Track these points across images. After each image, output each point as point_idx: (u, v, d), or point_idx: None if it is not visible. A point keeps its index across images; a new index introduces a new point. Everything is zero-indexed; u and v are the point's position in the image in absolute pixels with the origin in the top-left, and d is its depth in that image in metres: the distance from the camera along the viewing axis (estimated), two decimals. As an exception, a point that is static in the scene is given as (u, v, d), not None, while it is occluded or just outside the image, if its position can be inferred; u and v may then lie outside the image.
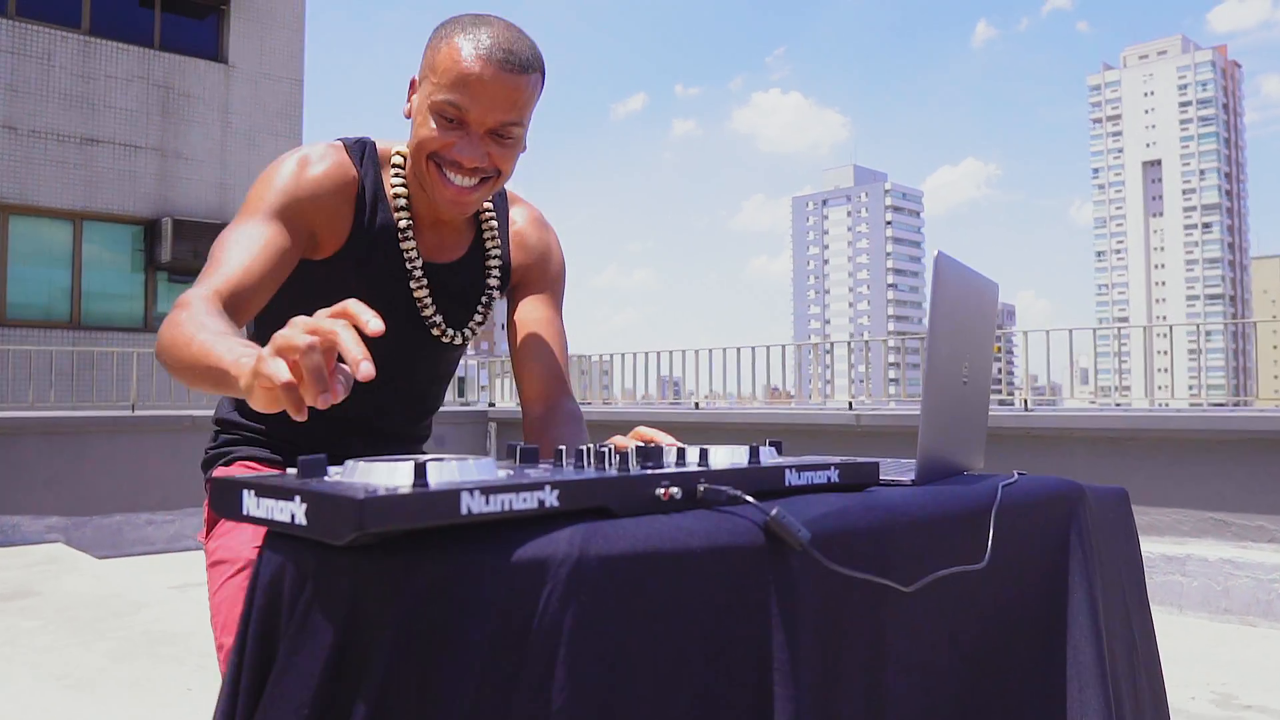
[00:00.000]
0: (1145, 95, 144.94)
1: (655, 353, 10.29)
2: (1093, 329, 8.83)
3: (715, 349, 9.87)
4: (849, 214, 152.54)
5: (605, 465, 0.83)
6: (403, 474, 0.69)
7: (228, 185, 11.99)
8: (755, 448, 0.95)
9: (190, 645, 4.01)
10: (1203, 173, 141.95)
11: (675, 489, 0.80)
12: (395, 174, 1.33)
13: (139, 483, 7.80)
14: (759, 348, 9.61)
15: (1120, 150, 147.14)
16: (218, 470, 1.39)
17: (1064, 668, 1.12)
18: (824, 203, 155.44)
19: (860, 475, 1.01)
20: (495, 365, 12.69)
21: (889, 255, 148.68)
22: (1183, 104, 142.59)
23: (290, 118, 12.64)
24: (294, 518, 0.65)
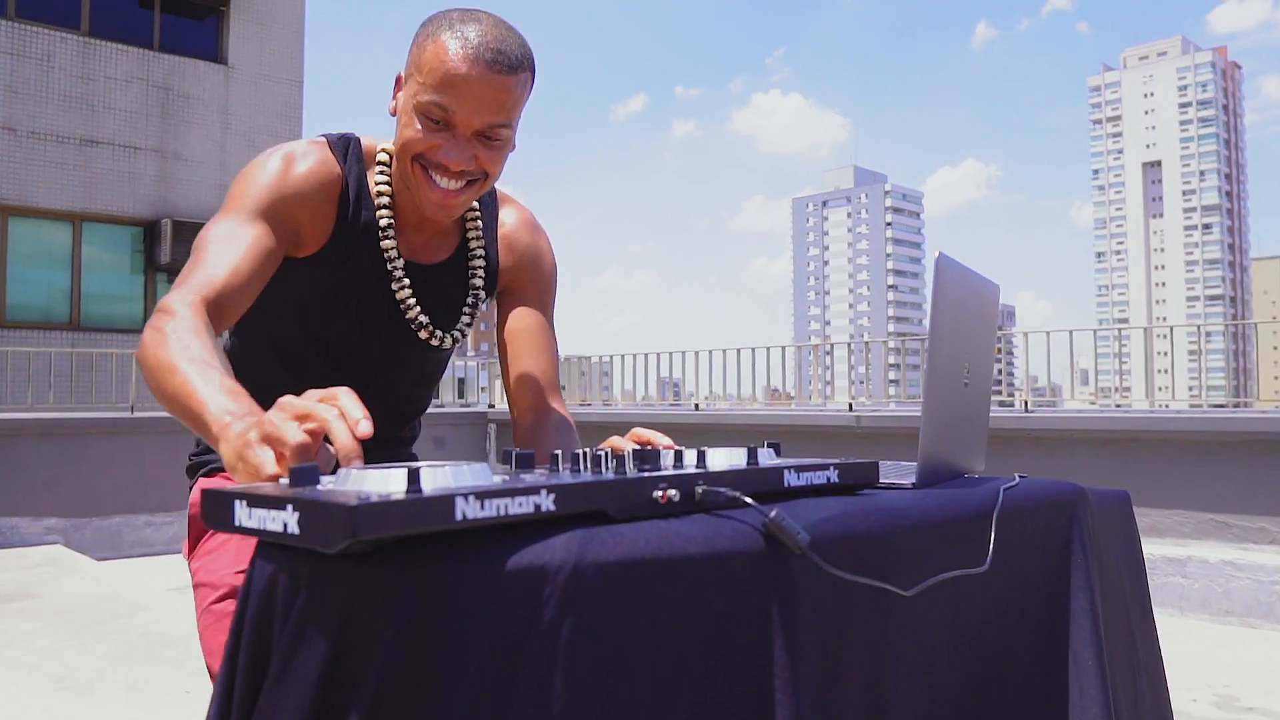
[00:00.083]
0: (1145, 96, 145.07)
1: (655, 354, 10.29)
2: (1093, 330, 8.82)
3: (715, 350, 9.86)
4: (849, 215, 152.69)
5: (602, 468, 0.82)
6: (396, 480, 0.68)
7: (227, 186, 11.87)
8: (753, 449, 0.94)
9: (189, 648, 4.00)
10: (1203, 174, 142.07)
11: (673, 491, 0.79)
12: (380, 172, 1.31)
13: (138, 484, 7.79)
14: (759, 349, 9.61)
15: (1120, 151, 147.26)
16: (203, 482, 1.37)
17: (1065, 671, 1.11)
18: (824, 204, 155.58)
19: (860, 475, 1.01)
20: (495, 366, 12.69)
21: (889, 256, 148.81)
22: (1183, 105, 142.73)
23: (290, 119, 12.64)
24: (286, 527, 0.64)
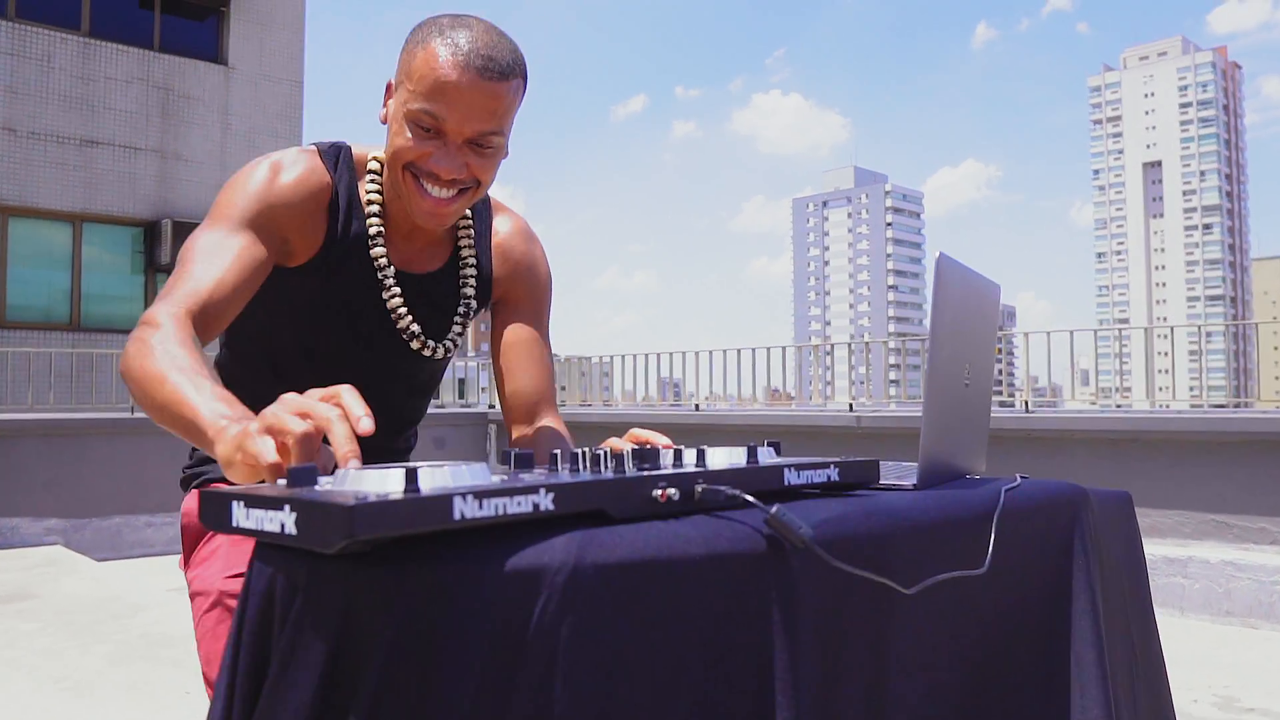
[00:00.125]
0: (1145, 96, 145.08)
1: (655, 354, 10.27)
2: (1093, 330, 8.81)
3: (716, 350, 9.85)
4: (849, 215, 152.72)
5: (601, 468, 0.81)
6: (394, 480, 0.68)
7: (228, 187, 11.97)
8: (753, 448, 0.93)
9: (189, 648, 3.99)
10: (1203, 174, 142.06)
11: (672, 490, 0.78)
12: (371, 180, 1.29)
13: (138, 485, 7.78)
14: (759, 349, 9.59)
15: (1120, 151, 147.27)
16: (191, 495, 1.35)
17: (1066, 672, 1.11)
18: (824, 204, 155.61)
19: (860, 474, 1.00)
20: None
21: (889, 257, 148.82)
22: (1183, 105, 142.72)
23: (290, 119, 12.64)
24: (284, 527, 0.64)
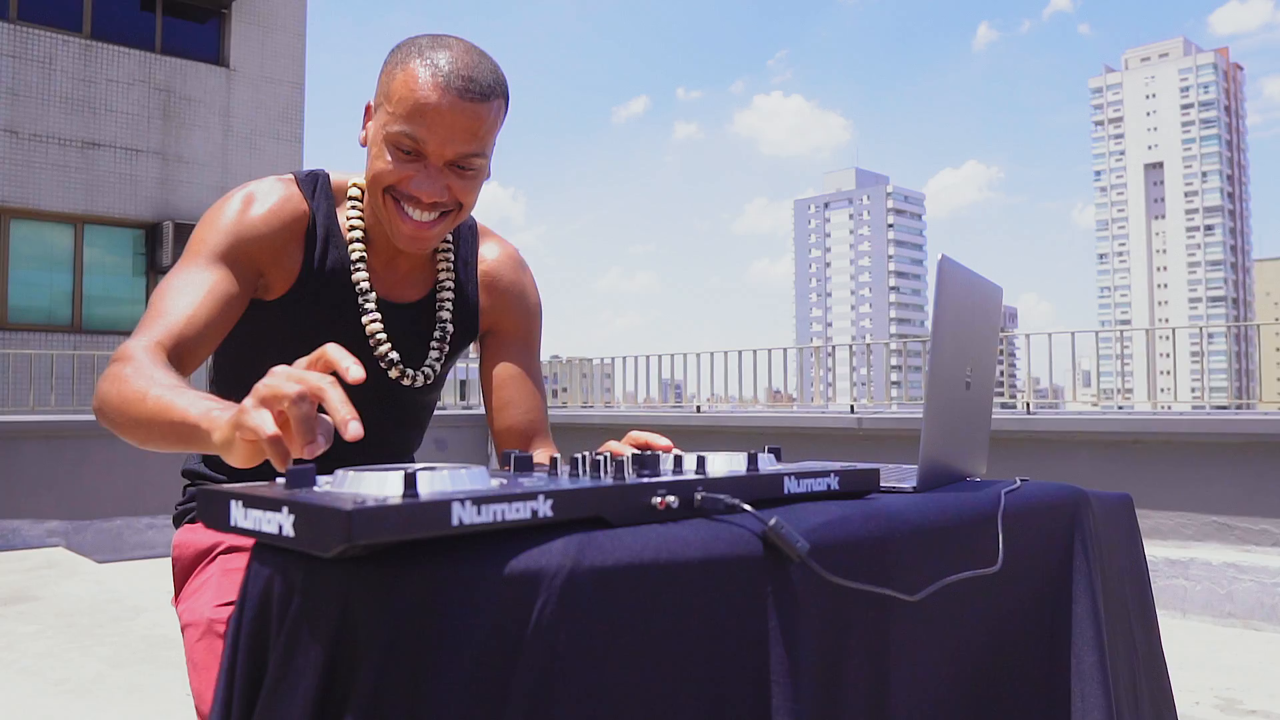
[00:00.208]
0: (1147, 98, 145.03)
1: (657, 356, 10.27)
2: (1095, 332, 8.82)
3: (717, 352, 9.85)
4: (851, 217, 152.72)
5: (600, 474, 0.81)
6: (393, 484, 0.67)
7: (229, 189, 11.90)
8: (753, 455, 0.93)
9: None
10: (1205, 175, 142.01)
11: (672, 498, 0.78)
12: (351, 207, 1.26)
13: (139, 486, 7.78)
14: (761, 351, 9.60)
15: (1122, 153, 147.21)
16: (184, 530, 1.33)
17: (1067, 675, 1.11)
18: (826, 205, 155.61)
19: (861, 482, 1.00)
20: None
21: (891, 258, 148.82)
22: (1184, 106, 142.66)
23: (291, 121, 12.64)
24: (281, 529, 0.64)
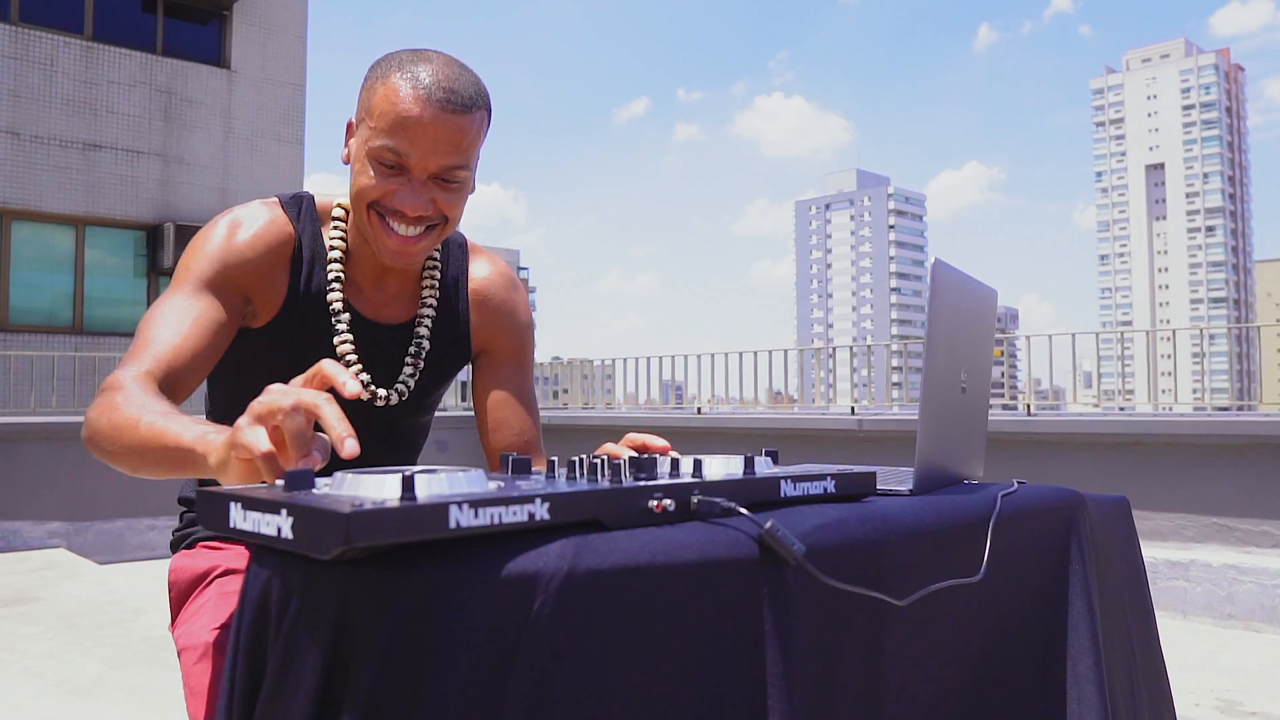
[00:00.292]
0: (1148, 99, 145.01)
1: (658, 357, 10.27)
2: (1096, 333, 8.79)
3: (718, 353, 9.85)
4: (852, 218, 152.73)
5: (597, 477, 0.81)
6: (391, 487, 0.68)
7: (230, 190, 12.00)
8: (750, 458, 0.93)
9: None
10: (1206, 176, 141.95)
11: (668, 501, 0.78)
12: (335, 227, 1.26)
13: (141, 488, 7.78)
14: (761, 352, 9.60)
15: (1123, 154, 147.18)
16: (179, 555, 1.33)
17: (1063, 679, 1.11)
18: (827, 207, 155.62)
19: (858, 485, 1.00)
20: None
21: (892, 259, 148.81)
22: (1185, 107, 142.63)
23: (292, 122, 12.65)
24: (280, 531, 0.64)
